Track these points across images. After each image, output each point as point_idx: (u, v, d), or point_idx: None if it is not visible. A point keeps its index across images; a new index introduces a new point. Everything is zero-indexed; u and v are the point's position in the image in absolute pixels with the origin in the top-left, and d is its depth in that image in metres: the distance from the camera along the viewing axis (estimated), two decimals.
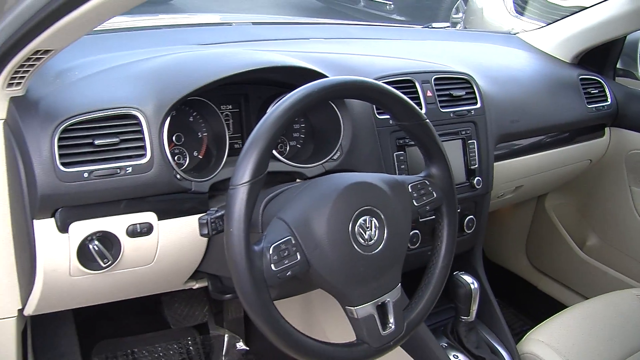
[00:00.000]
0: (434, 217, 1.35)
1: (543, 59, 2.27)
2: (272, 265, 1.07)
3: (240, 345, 2.02)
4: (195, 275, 1.51)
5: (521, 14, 4.33)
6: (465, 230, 1.79)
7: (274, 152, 1.45)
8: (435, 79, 1.73)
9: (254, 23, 2.14)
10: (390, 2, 7.50)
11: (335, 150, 1.50)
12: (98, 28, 1.42)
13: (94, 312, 1.93)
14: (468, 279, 1.61)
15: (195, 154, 1.45)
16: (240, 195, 1.05)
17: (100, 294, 1.43)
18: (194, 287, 1.57)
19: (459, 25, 5.95)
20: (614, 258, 2.37)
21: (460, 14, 6.35)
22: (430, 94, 1.69)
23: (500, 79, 1.96)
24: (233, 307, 2.07)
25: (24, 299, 1.40)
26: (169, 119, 1.30)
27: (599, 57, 2.30)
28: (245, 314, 2.06)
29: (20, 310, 1.43)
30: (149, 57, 1.50)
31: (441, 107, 1.71)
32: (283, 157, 1.46)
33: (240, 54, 1.56)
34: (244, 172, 1.06)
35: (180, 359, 2.03)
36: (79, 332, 1.90)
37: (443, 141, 1.35)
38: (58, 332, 1.86)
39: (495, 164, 1.84)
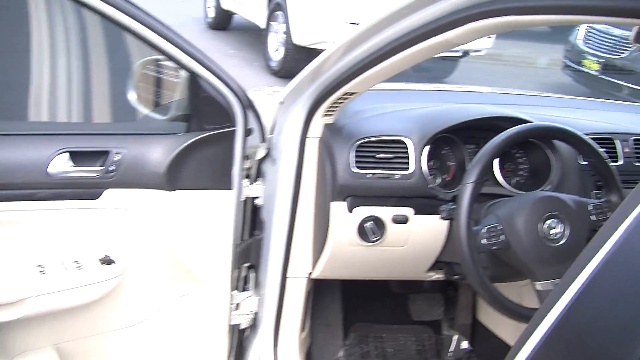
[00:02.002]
0: None
1: None
2: (484, 240, 1.60)
3: (466, 345, 2.49)
4: (434, 266, 2.04)
5: None
6: None
7: (503, 181, 1.96)
8: (634, 140, 2.15)
9: (501, 93, 2.67)
10: None
11: (547, 183, 1.97)
12: (383, 88, 2.09)
13: (354, 300, 2.54)
14: None
15: (444, 177, 2.01)
16: (467, 190, 1.61)
17: (366, 267, 2.02)
18: (432, 278, 2.10)
19: None
20: None
21: None
22: (627, 150, 2.11)
23: None
24: (464, 314, 2.57)
25: (313, 266, 2.03)
26: (427, 147, 1.89)
27: None
28: (473, 320, 2.56)
29: (309, 274, 2.07)
30: (417, 107, 2.10)
31: (634, 162, 2.12)
32: (509, 186, 1.97)
33: (480, 107, 2.11)
34: (471, 175, 1.61)
35: (416, 349, 2.55)
36: (342, 311, 2.52)
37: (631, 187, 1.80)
38: (328, 306, 2.49)
39: None
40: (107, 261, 1.76)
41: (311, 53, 6.94)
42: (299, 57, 7.10)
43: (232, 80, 1.75)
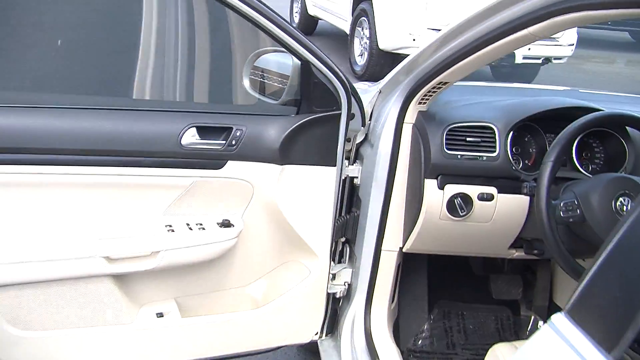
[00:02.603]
0: None
1: None
2: (561, 213, 1.79)
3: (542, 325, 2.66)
4: (516, 244, 2.23)
5: None
6: None
7: (580, 167, 2.14)
8: None
9: (580, 91, 2.83)
10: None
11: (621, 170, 2.13)
12: (470, 84, 2.31)
13: (440, 278, 2.74)
14: None
15: (526, 161, 2.19)
16: (547, 168, 1.80)
17: (453, 241, 2.22)
18: (513, 256, 2.29)
19: None
20: None
21: None
22: None
23: None
24: (540, 296, 2.73)
25: (404, 240, 2.25)
26: (511, 133, 2.08)
27: None
28: (549, 302, 2.73)
29: (401, 248, 2.29)
30: (502, 99, 2.30)
31: None
32: (586, 172, 2.14)
33: (559, 99, 2.30)
34: (551, 155, 1.80)
35: (495, 328, 2.73)
36: (428, 288, 2.73)
37: None
38: (416, 282, 2.70)
39: None
40: (225, 224, 2.02)
41: (395, 58, 7.21)
42: (383, 61, 7.37)
43: (338, 69, 1.99)
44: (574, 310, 0.99)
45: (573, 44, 7.83)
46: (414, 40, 6.89)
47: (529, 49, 7.33)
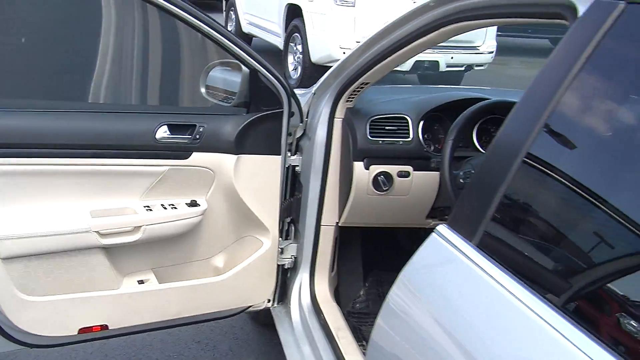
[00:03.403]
0: None
1: None
2: (461, 179, 2.28)
3: None
4: (432, 214, 2.72)
5: None
6: None
7: (480, 148, 2.64)
8: None
9: (485, 88, 3.37)
10: None
11: None
12: (389, 85, 2.81)
13: (372, 251, 3.22)
14: None
15: (436, 145, 2.69)
16: (448, 145, 2.29)
17: (379, 214, 2.70)
18: (430, 225, 2.78)
19: None
20: None
21: None
22: None
23: None
24: None
25: (340, 215, 2.72)
26: (422, 122, 2.59)
27: None
28: None
29: (337, 223, 2.76)
30: (415, 95, 2.81)
31: None
32: (482, 150, 2.65)
33: (460, 93, 2.82)
34: (450, 135, 2.30)
35: None
36: (362, 259, 3.20)
37: None
38: (351, 255, 3.17)
39: None
40: (193, 204, 2.45)
41: (326, 70, 7.67)
42: (316, 74, 7.83)
43: (280, 75, 2.45)
44: (452, 221, 1.48)
45: (493, 52, 8.50)
46: (344, 53, 7.42)
47: (452, 57, 7.95)
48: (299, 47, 8.14)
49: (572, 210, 1.26)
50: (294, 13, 8.37)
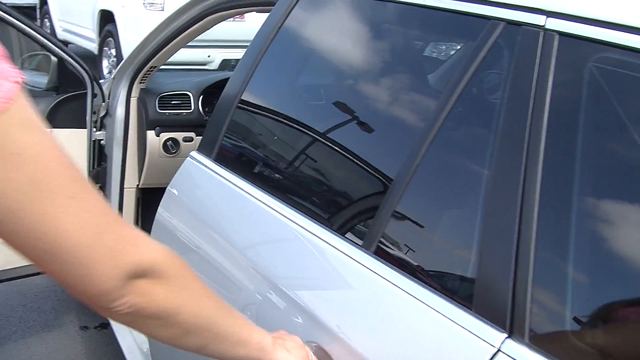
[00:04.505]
0: None
1: None
2: None
3: None
4: None
5: None
6: None
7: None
8: None
9: None
10: None
11: None
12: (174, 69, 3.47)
13: None
14: None
15: None
16: None
17: (170, 174, 3.31)
18: None
19: None
20: None
21: None
22: None
23: None
24: None
25: (139, 178, 3.32)
26: (201, 97, 3.25)
27: None
28: None
29: (137, 185, 3.35)
30: (196, 77, 3.48)
31: None
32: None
33: (227, 73, 3.51)
34: None
35: None
36: None
37: None
38: (151, 217, 3.75)
39: None
40: None
41: None
42: None
43: (82, 62, 3.02)
44: (200, 147, 2.14)
45: None
46: None
47: None
48: (113, 51, 8.55)
49: (268, 134, 1.97)
50: (107, 19, 8.74)
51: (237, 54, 8.38)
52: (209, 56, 7.85)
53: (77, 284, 0.84)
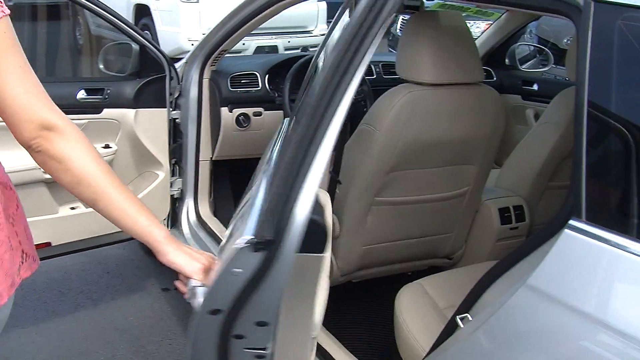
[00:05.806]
0: None
1: None
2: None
3: None
4: None
5: None
6: None
7: None
8: None
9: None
10: None
11: None
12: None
13: (240, 183, 4.20)
14: None
15: (279, 93, 3.71)
16: (286, 87, 3.34)
17: (243, 146, 3.69)
18: None
19: None
20: None
21: None
22: None
23: None
24: None
25: (213, 152, 3.69)
26: (267, 75, 3.62)
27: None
28: None
29: (211, 158, 3.72)
30: (260, 59, 3.84)
31: None
32: None
33: (289, 54, 3.87)
34: (286, 83, 3.35)
35: None
36: (231, 189, 4.17)
37: None
38: (223, 186, 4.12)
39: None
40: (107, 146, 3.33)
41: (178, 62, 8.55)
42: None
43: (160, 49, 3.38)
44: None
45: (324, 34, 9.61)
46: (192, 45, 8.31)
47: (289, 41, 9.01)
48: None
49: None
50: (142, 12, 9.11)
51: (269, 41, 8.75)
52: (243, 44, 8.19)
53: (10, 127, 1.41)
